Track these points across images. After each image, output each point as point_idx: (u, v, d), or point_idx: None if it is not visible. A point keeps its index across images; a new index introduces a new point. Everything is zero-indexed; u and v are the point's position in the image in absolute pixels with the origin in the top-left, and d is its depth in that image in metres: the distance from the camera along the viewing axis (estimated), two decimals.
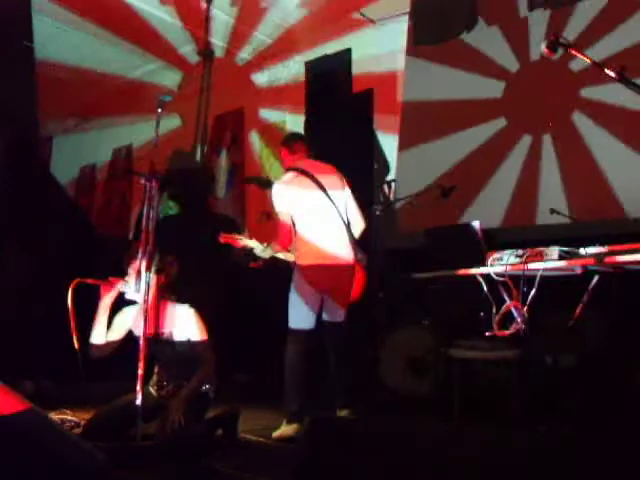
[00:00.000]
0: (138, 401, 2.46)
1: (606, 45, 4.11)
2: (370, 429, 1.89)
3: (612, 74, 2.15)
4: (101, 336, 2.90)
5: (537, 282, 3.11)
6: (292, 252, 3.39)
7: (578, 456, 1.58)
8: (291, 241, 3.34)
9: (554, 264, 3.07)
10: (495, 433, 1.87)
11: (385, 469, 1.71)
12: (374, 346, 4.10)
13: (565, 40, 2.26)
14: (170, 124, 6.81)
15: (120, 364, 2.85)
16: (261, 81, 6.70)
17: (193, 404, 2.80)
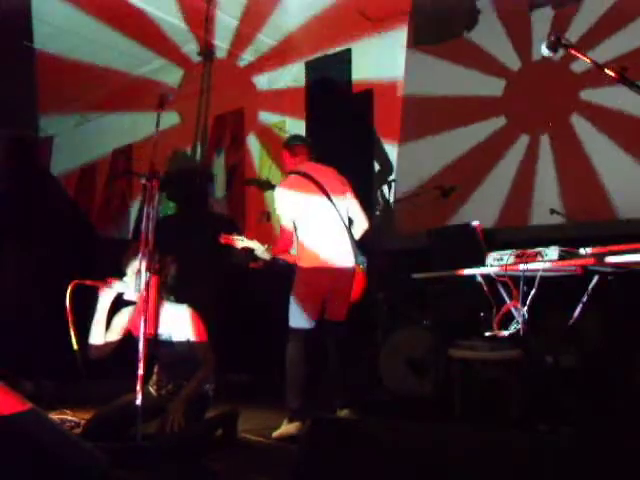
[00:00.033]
0: (138, 401, 2.46)
1: (608, 47, 4.12)
2: (370, 429, 1.88)
3: (613, 75, 2.15)
4: (100, 337, 2.90)
5: (537, 282, 3.11)
6: (293, 254, 3.41)
7: (578, 456, 1.57)
8: (292, 243, 3.36)
9: (554, 264, 3.08)
10: (495, 433, 1.87)
11: (385, 469, 1.71)
12: (374, 346, 4.10)
13: (567, 40, 2.26)
14: (170, 123, 6.81)
15: (120, 364, 2.85)
16: (262, 83, 6.70)
17: (193, 404, 2.81)
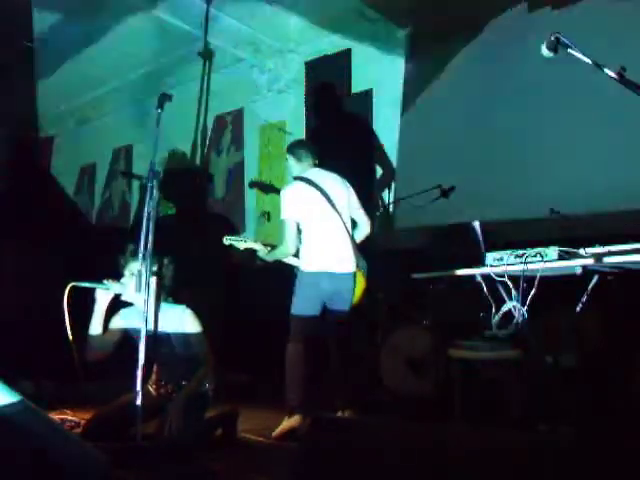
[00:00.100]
0: (138, 401, 2.45)
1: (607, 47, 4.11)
2: (370, 429, 1.88)
3: (612, 74, 2.15)
4: (97, 338, 2.90)
5: (537, 282, 3.11)
6: (295, 258, 3.44)
7: (578, 456, 1.57)
8: (295, 247, 3.38)
9: (554, 264, 3.08)
10: (495, 433, 1.87)
11: (385, 469, 1.71)
12: (374, 346, 4.10)
13: (567, 40, 2.26)
14: (170, 124, 6.80)
15: (119, 364, 2.85)
16: (261, 81, 6.69)
17: (192, 404, 2.81)
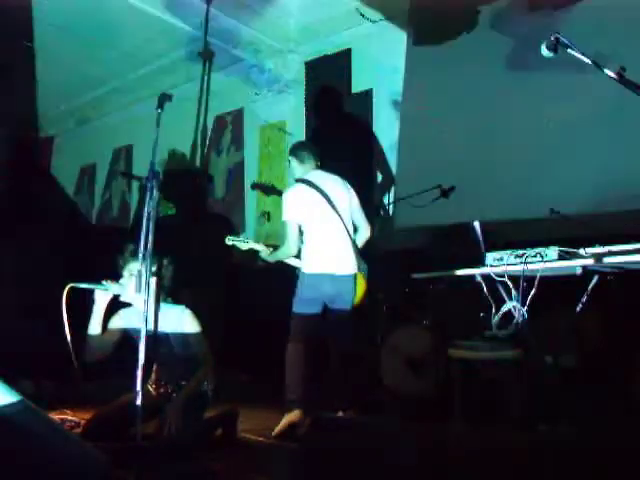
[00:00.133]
0: (138, 401, 2.45)
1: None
2: (370, 429, 1.89)
3: (612, 74, 2.15)
4: (97, 338, 2.90)
5: (537, 282, 3.11)
6: (297, 259, 3.45)
7: (578, 456, 1.58)
8: (297, 248, 3.40)
9: (554, 264, 3.08)
10: (495, 433, 1.87)
11: (385, 469, 1.71)
12: (374, 346, 4.10)
13: (567, 40, 2.26)
14: (170, 124, 6.80)
15: (119, 364, 2.85)
16: (261, 81, 6.69)
17: (192, 404, 2.81)
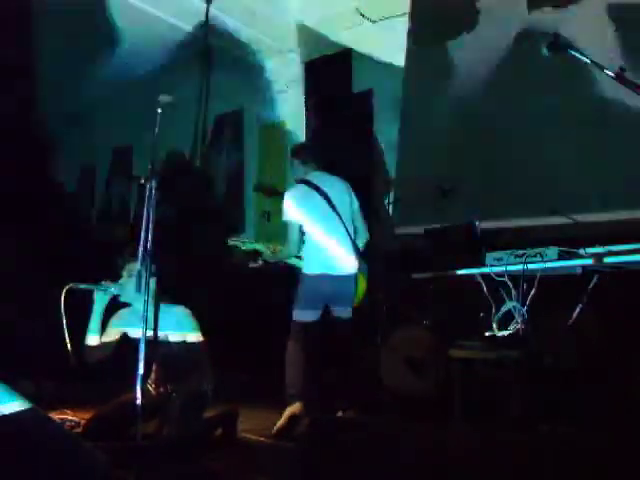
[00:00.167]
0: (138, 401, 2.45)
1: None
2: (370, 429, 1.89)
3: (612, 74, 2.15)
4: (96, 339, 2.90)
5: (537, 282, 3.11)
6: (298, 260, 3.46)
7: (578, 456, 1.58)
8: (298, 248, 3.40)
9: (554, 264, 3.08)
10: (495, 433, 1.87)
11: (385, 469, 1.71)
12: (374, 346, 4.10)
13: (566, 40, 2.26)
14: (170, 124, 6.79)
15: (119, 364, 2.85)
16: (261, 81, 6.70)
17: (191, 404, 2.81)
